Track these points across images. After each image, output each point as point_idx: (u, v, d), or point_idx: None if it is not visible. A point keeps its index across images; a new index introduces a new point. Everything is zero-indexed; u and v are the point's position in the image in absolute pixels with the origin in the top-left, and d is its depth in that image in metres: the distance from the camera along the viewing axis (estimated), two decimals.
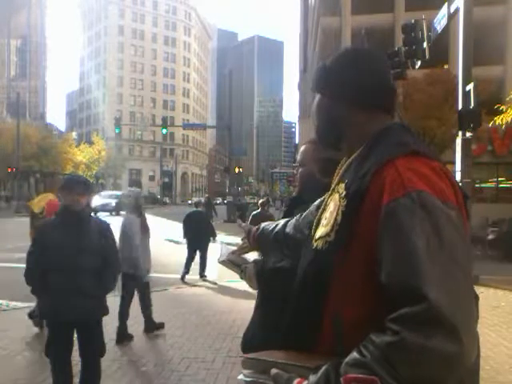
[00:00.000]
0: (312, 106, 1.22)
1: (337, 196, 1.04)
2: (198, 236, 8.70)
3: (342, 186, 1.04)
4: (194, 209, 9.35)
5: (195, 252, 8.78)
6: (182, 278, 8.43)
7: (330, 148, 1.23)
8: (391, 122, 1.09)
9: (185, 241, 8.99)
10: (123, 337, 4.79)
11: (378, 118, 1.09)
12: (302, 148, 1.92)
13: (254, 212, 8.24)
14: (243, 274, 1.78)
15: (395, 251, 0.84)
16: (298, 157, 1.92)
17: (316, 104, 1.18)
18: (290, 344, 1.05)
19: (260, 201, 8.91)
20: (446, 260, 0.81)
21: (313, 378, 0.85)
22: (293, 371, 0.90)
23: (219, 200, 59.82)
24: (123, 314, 4.87)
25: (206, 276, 8.75)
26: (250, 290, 1.99)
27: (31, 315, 4.91)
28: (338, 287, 0.95)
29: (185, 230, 8.90)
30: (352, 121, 1.10)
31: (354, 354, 0.81)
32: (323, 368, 0.85)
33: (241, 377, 0.98)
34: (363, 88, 1.08)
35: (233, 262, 1.84)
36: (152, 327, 5.13)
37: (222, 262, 1.86)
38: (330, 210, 1.06)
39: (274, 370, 0.91)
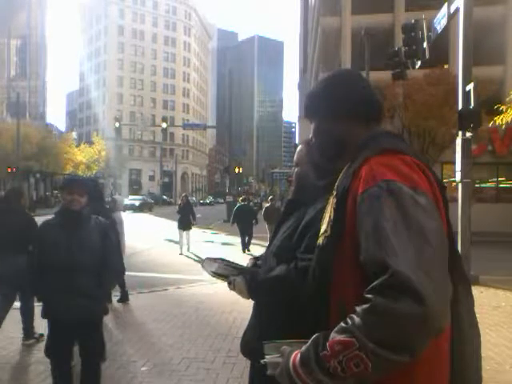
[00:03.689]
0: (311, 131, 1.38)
1: (331, 197, 1.20)
2: (246, 223, 12.41)
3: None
4: (243, 203, 13.35)
5: (244, 235, 12.64)
6: (244, 250, 12.32)
7: (334, 160, 1.35)
8: (378, 130, 1.25)
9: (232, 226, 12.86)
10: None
11: (372, 128, 1.27)
12: (298, 148, 1.93)
13: (266, 205, 11.69)
14: (231, 286, 1.74)
15: (366, 231, 0.97)
16: (295, 157, 1.94)
17: (315, 129, 1.35)
18: (303, 333, 1.14)
19: (270, 197, 13.51)
20: (410, 235, 0.92)
21: (305, 345, 1.00)
22: (298, 346, 1.04)
23: (221, 200, 59.97)
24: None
25: (249, 251, 12.24)
26: None
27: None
28: (340, 277, 1.08)
29: (233, 218, 12.70)
30: (352, 135, 1.26)
31: (341, 323, 0.95)
32: (314, 336, 1.00)
33: (264, 360, 1.12)
34: (356, 105, 1.26)
35: (219, 274, 1.81)
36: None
37: (211, 273, 1.84)
38: (327, 210, 1.21)
39: (283, 347, 1.08)
